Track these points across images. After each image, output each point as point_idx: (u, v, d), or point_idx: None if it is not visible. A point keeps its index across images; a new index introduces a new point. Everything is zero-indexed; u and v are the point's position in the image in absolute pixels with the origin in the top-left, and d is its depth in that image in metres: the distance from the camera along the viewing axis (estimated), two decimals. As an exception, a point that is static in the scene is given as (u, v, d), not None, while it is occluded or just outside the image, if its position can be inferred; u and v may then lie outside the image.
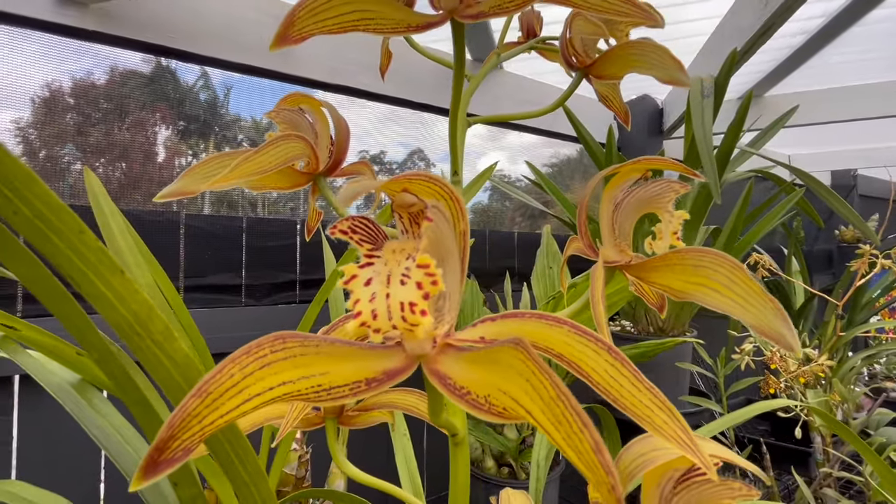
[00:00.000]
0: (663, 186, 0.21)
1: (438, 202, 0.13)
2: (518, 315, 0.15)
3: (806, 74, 1.36)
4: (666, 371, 1.03)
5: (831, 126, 1.62)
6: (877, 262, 0.96)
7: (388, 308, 0.11)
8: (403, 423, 0.64)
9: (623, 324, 1.17)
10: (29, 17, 0.66)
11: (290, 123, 0.27)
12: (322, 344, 0.13)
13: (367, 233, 0.12)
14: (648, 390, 0.14)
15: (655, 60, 0.26)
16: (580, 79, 0.31)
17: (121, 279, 0.12)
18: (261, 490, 0.18)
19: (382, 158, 1.52)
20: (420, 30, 0.20)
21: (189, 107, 1.09)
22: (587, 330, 0.14)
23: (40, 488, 0.39)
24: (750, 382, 0.88)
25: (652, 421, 0.13)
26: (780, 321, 0.17)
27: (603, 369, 0.14)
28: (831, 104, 1.45)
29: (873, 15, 1.08)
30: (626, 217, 0.21)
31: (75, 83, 0.90)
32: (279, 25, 0.19)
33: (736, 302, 0.18)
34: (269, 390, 0.12)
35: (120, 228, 0.45)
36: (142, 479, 0.12)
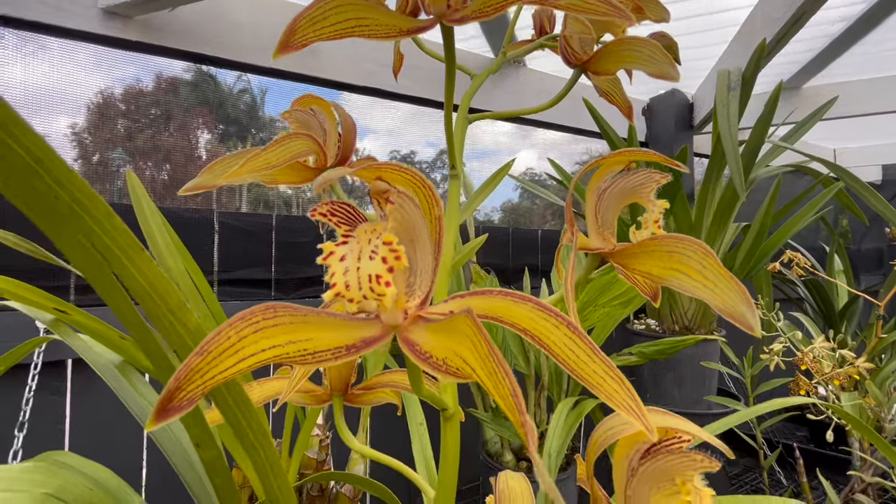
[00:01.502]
0: (644, 177, 0.22)
1: (406, 189, 0.14)
2: (487, 292, 0.16)
3: (848, 63, 1.29)
4: (689, 370, 1.01)
5: (881, 117, 1.53)
6: (923, 260, 0.91)
7: (359, 279, 0.13)
8: (420, 413, 0.66)
9: (648, 322, 1.15)
10: (77, 30, 0.72)
11: (301, 123, 0.29)
12: (309, 314, 0.15)
13: (345, 216, 0.14)
14: (602, 362, 0.15)
15: (646, 56, 0.27)
16: (578, 75, 0.32)
17: (141, 255, 0.15)
18: (269, 454, 0.21)
19: (412, 158, 1.55)
20: (411, 33, 0.22)
21: (229, 110, 1.15)
22: (548, 306, 0.15)
23: (87, 459, 0.44)
24: (779, 383, 0.85)
25: (603, 389, 0.15)
26: (744, 304, 0.18)
27: (562, 342, 0.15)
28: (877, 94, 1.37)
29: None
30: (608, 207, 0.22)
31: (125, 90, 0.97)
32: (282, 34, 0.21)
33: (706, 286, 0.19)
34: (261, 352, 0.14)
35: (158, 225, 0.49)
36: (154, 422, 0.14)
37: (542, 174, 1.86)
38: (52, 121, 0.88)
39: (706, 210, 0.96)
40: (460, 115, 0.32)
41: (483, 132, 1.58)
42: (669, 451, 0.17)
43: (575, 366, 0.15)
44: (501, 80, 1.17)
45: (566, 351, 0.15)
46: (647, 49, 0.26)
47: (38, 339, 0.50)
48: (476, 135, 1.57)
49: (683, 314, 1.06)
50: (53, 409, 0.74)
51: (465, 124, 0.31)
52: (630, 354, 0.76)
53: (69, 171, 0.13)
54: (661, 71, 0.26)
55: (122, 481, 0.43)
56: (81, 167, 0.97)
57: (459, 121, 0.32)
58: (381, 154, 1.45)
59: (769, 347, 0.84)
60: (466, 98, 0.32)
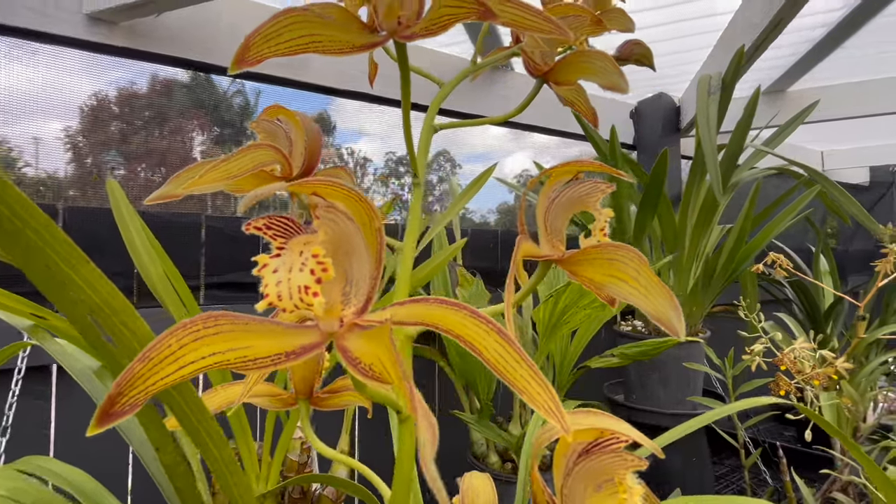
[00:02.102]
0: (590, 187, 0.22)
1: (341, 203, 0.15)
2: (424, 300, 0.17)
3: (831, 67, 1.31)
4: (674, 371, 1.02)
5: (868, 120, 1.56)
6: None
7: (290, 290, 0.14)
8: (403, 415, 0.67)
9: (635, 323, 1.16)
10: (63, 36, 0.72)
11: (268, 133, 0.30)
12: (252, 323, 0.16)
13: (281, 229, 0.15)
14: (528, 367, 0.15)
15: (599, 67, 0.28)
16: (540, 85, 0.32)
17: (86, 266, 0.15)
18: (224, 456, 0.21)
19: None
20: (364, 49, 0.23)
21: (223, 112, 1.16)
22: (481, 314, 0.16)
23: (66, 464, 0.44)
24: (760, 383, 0.86)
25: (528, 391, 0.15)
26: (672, 309, 0.19)
27: (493, 348, 0.16)
28: (860, 97, 1.39)
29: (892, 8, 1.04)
30: (557, 215, 0.23)
31: (118, 92, 0.98)
32: (237, 50, 0.21)
33: (640, 292, 0.19)
34: (201, 359, 0.15)
35: (137, 229, 0.50)
36: (96, 427, 0.15)
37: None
38: (44, 123, 0.89)
39: (689, 213, 0.97)
40: (427, 123, 0.32)
41: (475, 136, 1.59)
42: (603, 451, 0.18)
43: (504, 370, 0.16)
44: (490, 84, 1.18)
45: (496, 356, 0.16)
46: (600, 61, 0.27)
47: (20, 343, 0.50)
48: (468, 139, 1.58)
49: (668, 316, 1.07)
50: (38, 413, 0.75)
51: (430, 133, 0.32)
52: (612, 356, 0.77)
53: (4, 184, 0.14)
54: (612, 82, 0.26)
55: (100, 485, 0.43)
56: (75, 170, 0.97)
57: (425, 129, 0.32)
58: (376, 156, 1.46)
59: (750, 348, 0.86)
60: (433, 106, 0.33)
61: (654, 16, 1.16)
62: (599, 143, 0.99)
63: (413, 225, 0.28)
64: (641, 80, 1.49)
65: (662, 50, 1.33)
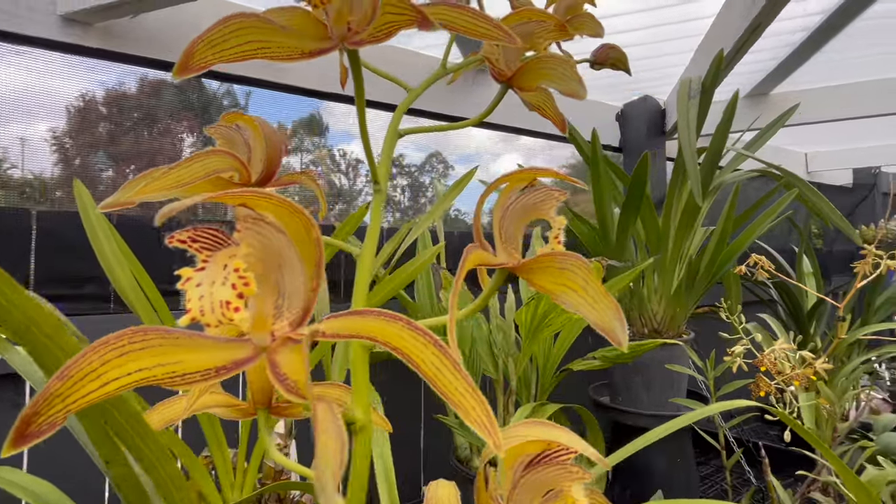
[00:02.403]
0: (544, 194, 0.22)
1: (267, 214, 0.15)
2: (360, 312, 0.16)
3: (812, 71, 1.33)
4: (657, 373, 1.02)
5: (850, 122, 1.58)
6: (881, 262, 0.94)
7: (212, 305, 0.14)
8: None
9: (619, 325, 1.17)
10: (36, 37, 0.71)
11: (226, 139, 0.30)
12: (182, 337, 0.16)
13: (209, 241, 0.15)
14: (464, 380, 0.15)
15: (560, 73, 0.28)
16: (504, 90, 0.32)
17: (6, 282, 0.15)
18: (169, 471, 0.21)
19: (401, 161, 1.55)
20: (314, 55, 0.22)
21: (213, 114, 1.15)
22: (418, 326, 0.16)
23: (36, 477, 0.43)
24: (740, 385, 0.87)
25: (463, 405, 0.15)
26: (617, 320, 0.19)
27: (430, 360, 0.15)
28: (841, 100, 1.41)
29: (875, 10, 1.05)
30: (511, 222, 0.23)
31: (106, 93, 0.96)
32: (180, 56, 0.21)
33: (587, 302, 0.19)
34: (126, 375, 0.15)
35: (105, 234, 0.49)
36: (10, 448, 0.14)
37: None
38: (30, 125, 0.87)
39: (672, 215, 0.98)
40: (391, 128, 0.32)
41: (466, 138, 1.59)
42: (549, 463, 0.18)
43: (440, 383, 0.15)
44: (474, 87, 1.18)
45: (433, 369, 0.15)
46: (561, 67, 0.27)
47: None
48: (459, 141, 1.58)
49: (652, 317, 1.07)
50: (12, 423, 0.73)
51: (394, 138, 0.32)
52: (594, 359, 0.77)
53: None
54: (571, 89, 0.26)
55: (64, 495, 0.42)
56: (62, 171, 0.96)
57: (389, 134, 0.32)
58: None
59: (731, 350, 0.86)
60: (399, 112, 0.33)
61: (640, 18, 1.17)
62: (583, 145, 1.00)
63: (373, 232, 0.27)
64: (628, 83, 1.50)
65: (648, 53, 1.33)
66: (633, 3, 1.10)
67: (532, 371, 0.89)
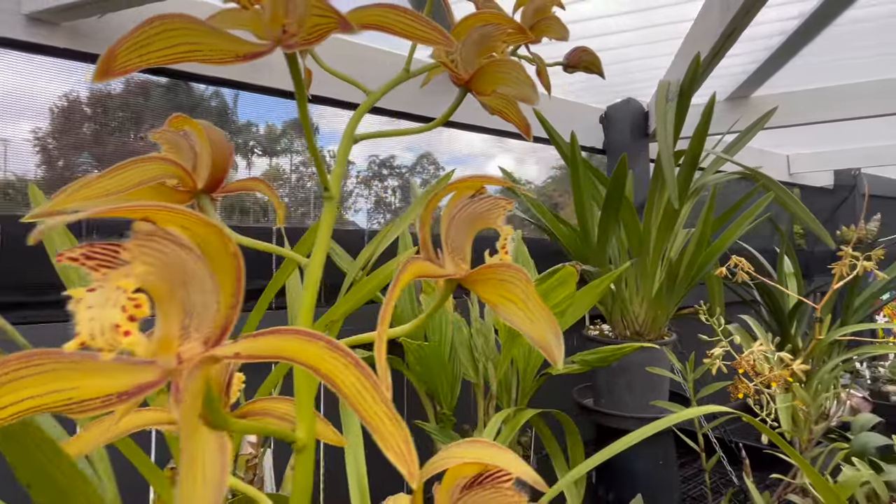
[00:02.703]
0: (490, 203, 0.21)
1: (173, 229, 0.14)
2: (277, 332, 0.16)
3: (791, 74, 1.35)
4: (640, 375, 1.02)
5: (832, 125, 1.60)
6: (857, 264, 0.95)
7: (102, 328, 0.13)
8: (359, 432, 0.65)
9: (603, 328, 1.17)
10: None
11: (171, 144, 0.28)
12: (82, 360, 0.14)
13: (105, 259, 0.14)
14: (384, 404, 0.14)
15: (514, 77, 0.27)
16: (463, 94, 0.32)
17: None
18: (92, 500, 0.20)
19: (392, 162, 1.54)
20: (248, 59, 0.21)
21: (200, 115, 1.13)
22: (339, 346, 0.15)
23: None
24: (718, 387, 0.87)
25: (381, 431, 0.14)
26: (554, 336, 0.18)
27: (351, 382, 0.15)
28: (820, 104, 1.43)
29: (850, 15, 1.07)
30: (458, 232, 0.22)
31: (91, 93, 0.94)
32: (100, 60, 0.20)
33: (526, 316, 0.19)
34: (12, 405, 0.14)
35: (62, 240, 0.47)
36: None
37: (522, 178, 1.87)
38: (14, 124, 0.85)
39: (653, 217, 0.98)
40: (347, 133, 0.31)
41: (458, 139, 1.58)
42: (486, 486, 0.17)
43: (360, 407, 0.15)
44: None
45: (353, 391, 0.15)
46: (514, 71, 0.27)
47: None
48: (451, 142, 1.57)
49: (634, 319, 1.07)
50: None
51: (350, 143, 0.31)
52: (573, 363, 0.77)
53: None
54: (523, 93, 0.26)
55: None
56: (45, 172, 0.93)
57: (345, 139, 0.31)
58: (359, 159, 1.44)
59: (710, 352, 0.86)
60: (356, 116, 0.32)
61: (625, 20, 1.16)
62: (563, 147, 0.99)
63: (322, 242, 0.26)
64: (614, 86, 1.50)
65: (632, 55, 1.33)
66: (621, 5, 1.09)
67: (513, 375, 0.88)
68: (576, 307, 0.74)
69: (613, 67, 1.38)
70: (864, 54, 1.31)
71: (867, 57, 1.33)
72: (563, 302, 0.64)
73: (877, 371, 2.00)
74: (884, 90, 1.39)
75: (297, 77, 0.22)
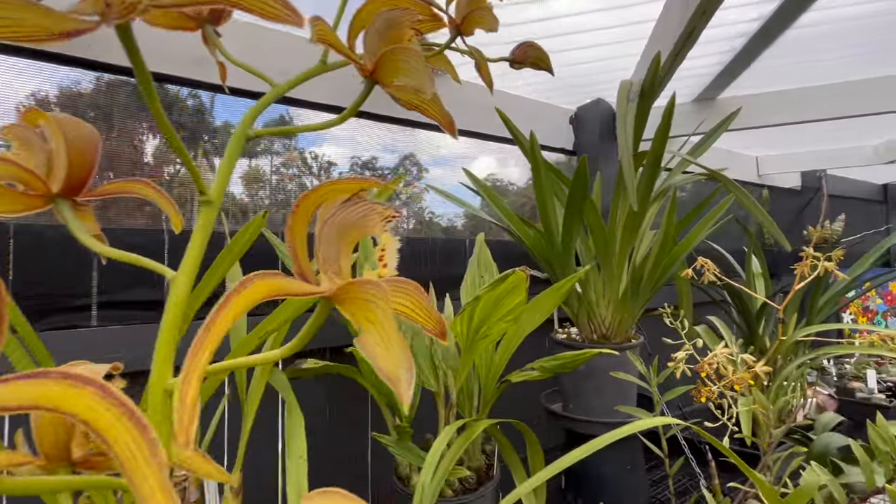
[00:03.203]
0: (365, 209, 0.19)
1: None
2: (35, 376, 0.12)
3: (756, 76, 1.36)
4: (608, 379, 1.01)
5: (799, 127, 1.62)
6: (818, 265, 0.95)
7: None
8: (303, 445, 0.62)
9: (570, 331, 1.15)
10: None
11: (21, 141, 0.25)
12: None
13: None
14: (157, 468, 0.11)
15: (411, 66, 0.24)
16: (369, 86, 0.29)
17: None
18: None
19: (374, 164, 1.50)
20: (72, 36, 0.18)
21: (175, 114, 1.07)
22: (113, 392, 0.12)
23: None
24: (683, 390, 0.86)
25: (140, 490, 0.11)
26: (404, 370, 0.15)
27: (123, 438, 0.11)
28: (782, 106, 1.45)
29: (812, 18, 1.08)
30: (330, 242, 0.19)
31: (61, 92, 0.89)
32: None
33: (381, 341, 0.16)
34: None
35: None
36: None
37: (504, 180, 1.85)
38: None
39: (617, 220, 0.97)
40: (238, 133, 0.28)
41: (440, 140, 1.55)
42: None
43: (130, 467, 0.11)
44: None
45: (125, 450, 0.11)
46: (413, 60, 0.24)
47: None
48: (433, 143, 1.55)
49: (601, 322, 1.06)
50: None
51: (241, 141, 0.28)
52: (532, 370, 0.75)
53: None
54: (418, 83, 0.23)
55: None
56: None
57: (235, 137, 0.28)
58: (341, 160, 1.40)
59: (674, 356, 0.85)
60: (249, 116, 0.29)
61: (597, 18, 1.13)
62: (526, 145, 0.97)
63: (193, 252, 0.23)
64: (583, 86, 1.49)
65: (603, 54, 1.31)
66: (593, 3, 1.06)
67: (474, 382, 0.86)
68: (536, 312, 0.72)
69: (583, 67, 1.37)
70: (827, 57, 1.33)
71: (830, 60, 1.34)
72: (517, 308, 0.62)
73: (843, 368, 2.04)
74: (846, 92, 1.42)
75: (132, 56, 0.19)
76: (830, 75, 1.41)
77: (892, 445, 0.59)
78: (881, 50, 1.30)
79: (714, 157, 2.23)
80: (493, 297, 0.62)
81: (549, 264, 1.01)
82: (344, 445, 1.06)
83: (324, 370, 0.82)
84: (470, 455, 0.85)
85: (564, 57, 1.28)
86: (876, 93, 1.41)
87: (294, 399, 0.68)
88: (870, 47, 1.28)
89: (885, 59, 1.34)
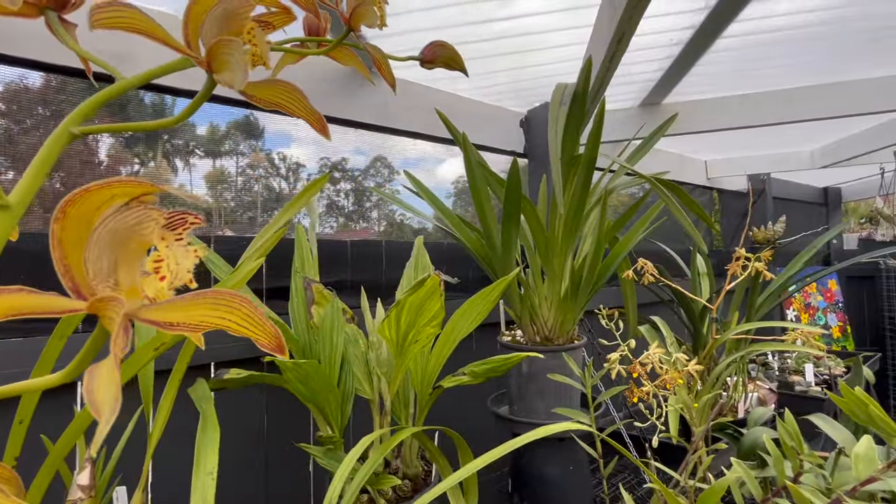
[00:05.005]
0: (139, 214, 0.17)
1: None
2: None
3: (697, 82, 1.40)
4: (550, 382, 1.01)
5: (745, 132, 1.69)
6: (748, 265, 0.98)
7: None
8: (214, 460, 0.59)
9: (515, 333, 1.15)
10: None
11: None
12: None
13: None
14: None
15: (234, 61, 0.22)
16: (210, 82, 0.27)
17: None
18: None
19: (344, 166, 1.46)
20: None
21: (131, 112, 1.00)
22: None
23: None
24: (616, 392, 0.87)
25: None
26: (111, 397, 0.14)
27: None
28: (722, 111, 1.50)
29: (743, 27, 1.12)
30: (102, 252, 0.17)
31: (5, 87, 0.82)
32: None
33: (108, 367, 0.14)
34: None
35: None
36: None
37: None
38: None
39: (556, 222, 0.97)
40: (62, 129, 0.25)
41: (409, 143, 1.54)
42: None
43: None
44: (362, 90, 1.12)
45: None
46: (237, 53, 0.22)
47: None
48: (403, 146, 1.53)
49: (543, 324, 1.06)
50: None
51: (61, 140, 0.25)
52: (463, 374, 0.74)
53: None
54: (230, 77, 0.21)
55: None
56: None
57: (56, 135, 0.25)
58: (309, 162, 1.35)
59: (609, 356, 0.86)
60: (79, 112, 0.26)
61: (551, 20, 1.11)
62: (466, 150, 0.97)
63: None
64: (535, 88, 1.50)
65: (562, 56, 1.30)
66: (545, 4, 1.04)
67: (410, 389, 0.84)
68: (468, 317, 0.71)
69: (535, 70, 1.37)
70: (768, 64, 1.38)
71: (771, 67, 1.40)
72: (439, 313, 0.61)
73: (785, 363, 2.13)
74: (783, 100, 1.49)
75: None
76: (769, 83, 1.47)
77: (798, 440, 0.61)
78: (818, 60, 1.36)
79: (666, 160, 2.30)
80: (416, 302, 0.61)
81: (491, 266, 1.01)
82: (285, 453, 1.03)
83: (249, 380, 0.79)
84: (407, 462, 0.83)
85: (516, 59, 1.28)
86: (811, 101, 1.48)
87: (212, 411, 0.64)
88: (806, 57, 1.34)
89: (819, 68, 1.41)
